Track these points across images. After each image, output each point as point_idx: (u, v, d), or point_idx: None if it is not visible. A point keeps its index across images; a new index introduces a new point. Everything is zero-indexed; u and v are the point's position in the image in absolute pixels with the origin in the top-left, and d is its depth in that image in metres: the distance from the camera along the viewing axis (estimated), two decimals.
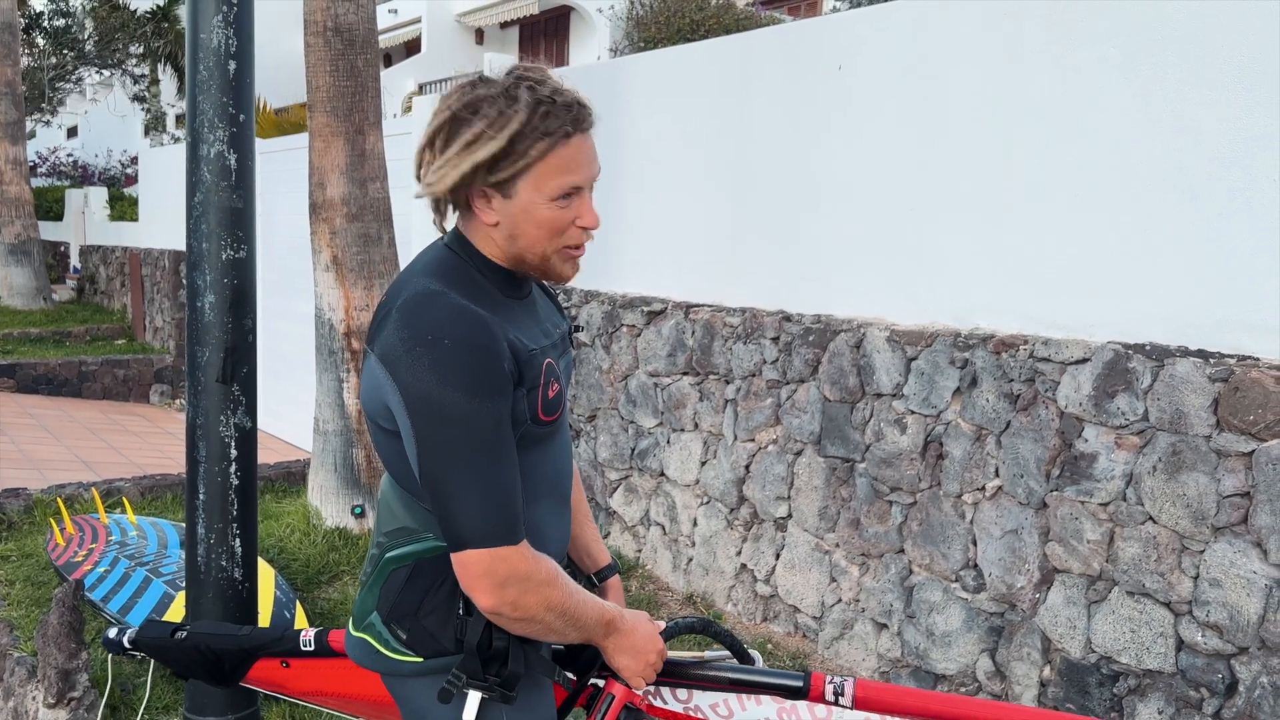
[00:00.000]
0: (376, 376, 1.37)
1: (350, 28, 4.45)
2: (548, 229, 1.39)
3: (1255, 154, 2.77)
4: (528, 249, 1.41)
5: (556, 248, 1.42)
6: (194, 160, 2.41)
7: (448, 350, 1.29)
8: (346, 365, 4.64)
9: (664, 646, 1.53)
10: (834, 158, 3.98)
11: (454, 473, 1.30)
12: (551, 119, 1.34)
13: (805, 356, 3.97)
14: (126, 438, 8.58)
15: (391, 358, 1.32)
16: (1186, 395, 2.81)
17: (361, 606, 1.53)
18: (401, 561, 1.48)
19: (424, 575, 1.46)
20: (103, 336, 12.88)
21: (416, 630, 1.46)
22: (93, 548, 4.21)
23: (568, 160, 1.37)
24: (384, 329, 1.36)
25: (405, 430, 1.33)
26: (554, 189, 1.37)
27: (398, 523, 1.49)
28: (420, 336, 1.30)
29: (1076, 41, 3.19)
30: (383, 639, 1.49)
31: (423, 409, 1.30)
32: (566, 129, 1.35)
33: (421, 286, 1.37)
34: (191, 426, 2.43)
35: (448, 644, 1.45)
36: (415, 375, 1.30)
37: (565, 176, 1.37)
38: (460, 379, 1.29)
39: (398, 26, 20.85)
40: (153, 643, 1.96)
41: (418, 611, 1.46)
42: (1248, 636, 2.69)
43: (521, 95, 1.34)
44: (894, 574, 3.65)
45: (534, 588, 1.34)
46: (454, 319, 1.32)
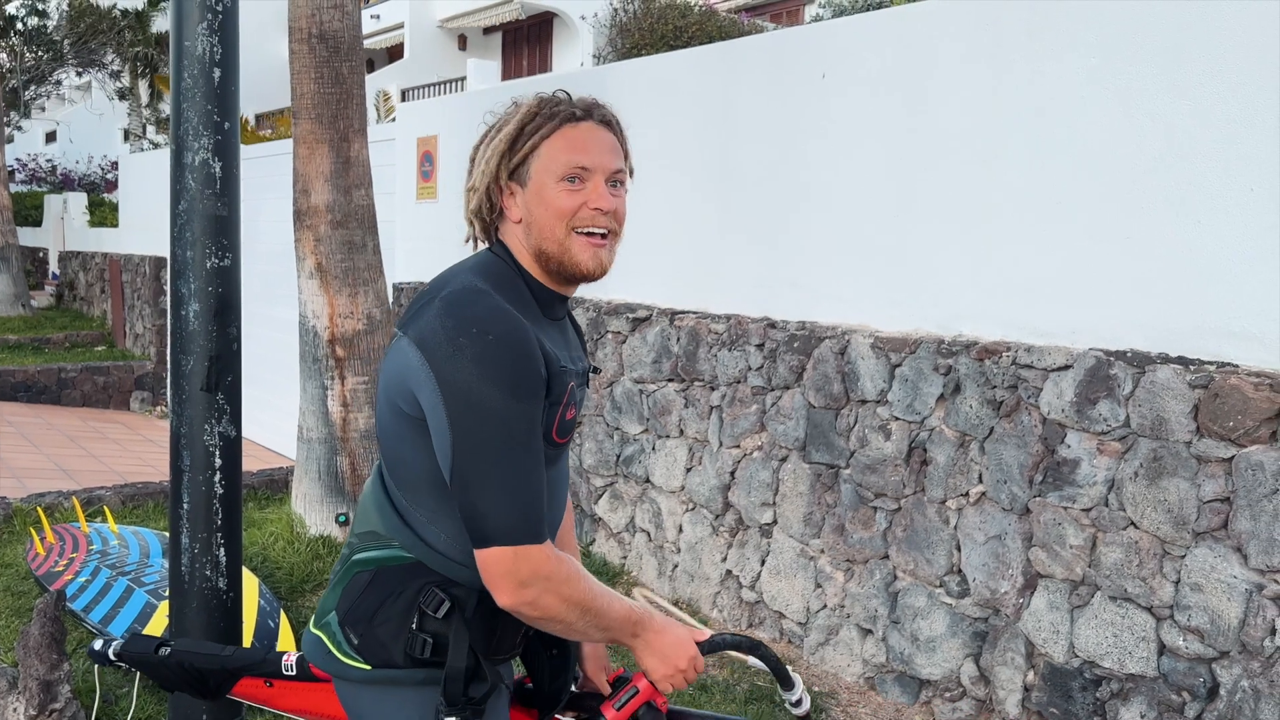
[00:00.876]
0: (408, 359, 1.35)
1: (335, 35, 4.45)
2: (556, 211, 1.41)
3: (1233, 163, 2.81)
4: (543, 236, 1.43)
5: (568, 231, 1.42)
6: (178, 168, 2.40)
7: (491, 345, 1.30)
8: (331, 373, 4.62)
9: (698, 655, 1.50)
10: (818, 165, 4.01)
11: (485, 468, 1.30)
12: (560, 106, 1.43)
13: (790, 363, 3.99)
14: (107, 445, 8.51)
15: (431, 344, 1.32)
16: (1167, 402, 2.84)
17: (323, 604, 1.53)
18: (365, 566, 1.48)
19: (384, 583, 1.45)
20: (82, 343, 12.77)
21: (368, 637, 1.45)
22: (73, 557, 4.17)
23: (574, 140, 1.41)
24: (423, 315, 1.37)
25: (438, 420, 1.32)
26: (561, 166, 1.40)
27: (369, 525, 1.49)
28: (464, 328, 1.31)
29: (1058, 52, 3.22)
30: (335, 640, 1.48)
31: (460, 400, 1.30)
32: (574, 111, 1.42)
33: (468, 282, 1.39)
34: (175, 435, 2.42)
35: (397, 656, 1.44)
36: (456, 366, 1.30)
37: (570, 154, 1.40)
38: (501, 375, 1.29)
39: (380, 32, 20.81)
40: (137, 657, 1.95)
41: (372, 619, 1.45)
42: (1229, 641, 2.72)
43: (534, 96, 1.44)
44: (879, 580, 3.66)
45: (554, 587, 1.34)
46: (498, 316, 1.33)
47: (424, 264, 6.61)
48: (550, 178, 1.41)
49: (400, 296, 6.68)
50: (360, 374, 4.64)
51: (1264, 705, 2.64)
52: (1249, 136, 2.78)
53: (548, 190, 1.41)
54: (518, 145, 1.42)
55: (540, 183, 1.42)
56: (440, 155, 6.45)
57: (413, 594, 1.43)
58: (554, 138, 1.41)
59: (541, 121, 1.41)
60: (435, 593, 1.43)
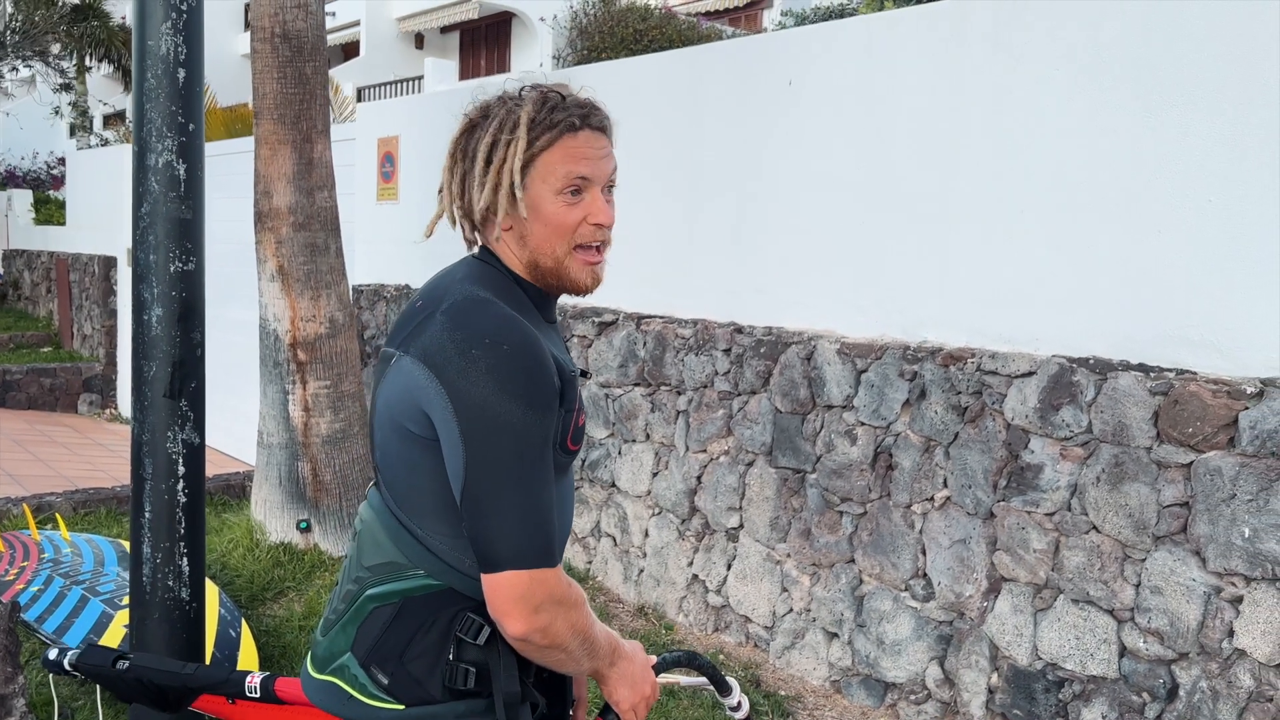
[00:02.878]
0: (415, 379, 1.28)
1: (299, 35, 4.38)
2: (555, 225, 1.35)
3: (1190, 174, 2.87)
4: (538, 250, 1.37)
5: (568, 249, 1.37)
6: (141, 170, 2.34)
7: (506, 356, 1.24)
8: (292, 377, 4.55)
9: (657, 681, 1.47)
10: (784, 172, 4.03)
11: (499, 487, 1.23)
12: (559, 111, 1.34)
13: (757, 368, 4.00)
14: (55, 449, 8.30)
15: (439, 360, 1.26)
16: (1128, 408, 2.90)
17: (330, 647, 1.41)
18: (385, 600, 1.37)
19: (412, 615, 1.36)
20: (28, 344, 12.45)
21: (400, 675, 1.35)
22: (24, 566, 4.06)
23: (574, 151, 1.34)
24: (425, 331, 1.30)
25: (450, 437, 1.26)
26: (560, 179, 1.33)
27: (384, 556, 1.38)
28: (476, 340, 1.25)
29: (1019, 64, 3.27)
30: (358, 683, 1.38)
31: (475, 415, 1.23)
32: (574, 120, 1.34)
33: (469, 292, 1.33)
34: (137, 443, 2.36)
35: (434, 691, 1.35)
36: (469, 379, 1.23)
37: (571, 165, 1.34)
38: (517, 387, 1.23)
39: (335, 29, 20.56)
40: (93, 668, 1.89)
41: (403, 654, 1.35)
42: (1188, 642, 2.78)
43: (527, 94, 1.35)
44: (845, 584, 3.69)
45: (565, 613, 1.28)
46: (510, 326, 1.27)
47: (385, 265, 6.54)
48: (548, 190, 1.34)
49: (360, 299, 6.60)
50: (322, 378, 4.58)
51: (1222, 706, 2.70)
52: (1206, 150, 2.84)
53: (546, 204, 1.34)
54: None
55: (537, 195, 1.34)
56: (401, 156, 6.39)
57: (446, 623, 1.35)
58: (554, 148, 1.33)
59: (540, 131, 1.33)
60: (472, 619, 1.34)
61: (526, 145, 1.32)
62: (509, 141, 1.33)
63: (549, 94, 1.36)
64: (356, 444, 4.70)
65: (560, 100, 1.35)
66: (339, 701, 1.40)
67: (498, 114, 1.36)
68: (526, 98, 1.35)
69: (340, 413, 4.62)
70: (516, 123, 1.33)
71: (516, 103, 1.36)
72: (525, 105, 1.34)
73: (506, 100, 1.37)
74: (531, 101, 1.35)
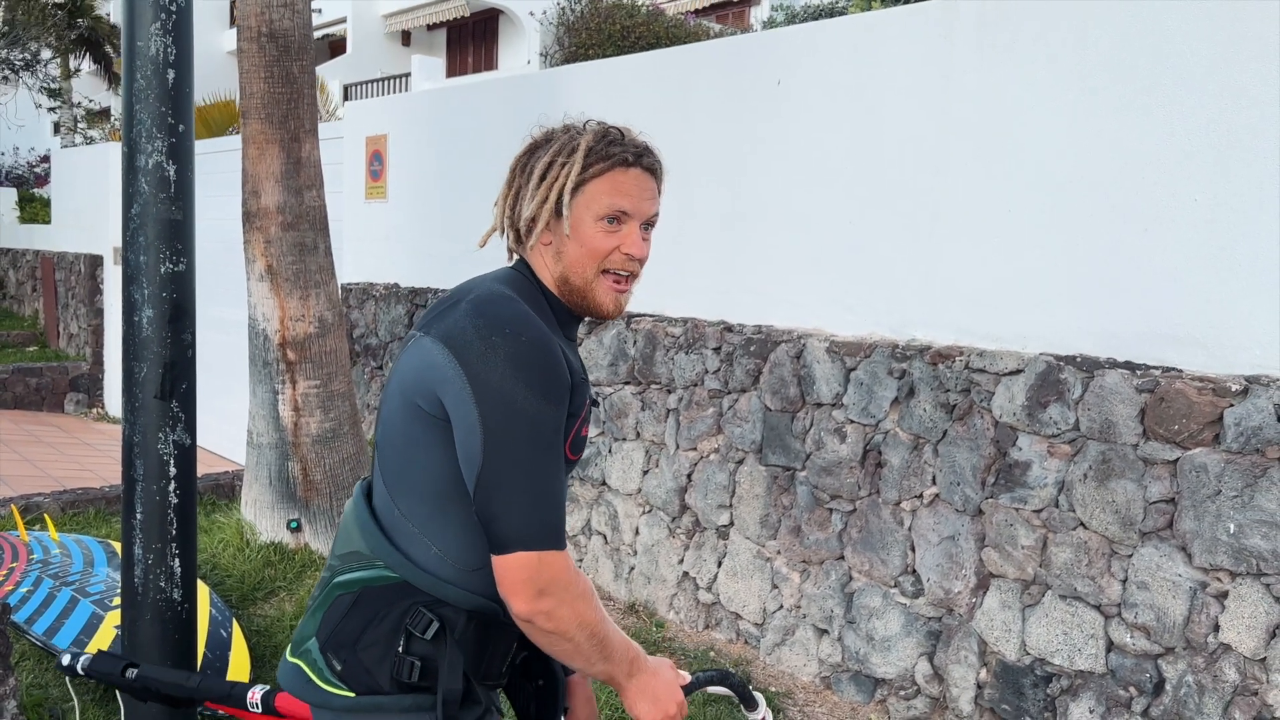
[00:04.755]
0: (433, 358, 1.35)
1: (286, 33, 4.37)
2: (589, 248, 1.43)
3: (1177, 174, 2.90)
4: (571, 268, 1.45)
5: (597, 271, 1.45)
6: (130, 171, 2.34)
7: (524, 346, 1.32)
8: (282, 376, 4.55)
9: (684, 700, 1.47)
10: (773, 170, 4.04)
11: (513, 469, 1.29)
12: (615, 146, 1.44)
13: (746, 366, 4.02)
14: (42, 449, 8.26)
15: (460, 343, 1.33)
16: (1115, 405, 2.92)
17: (301, 631, 1.49)
18: (348, 588, 1.43)
19: (368, 605, 1.42)
20: (13, 344, 12.37)
21: (352, 663, 1.41)
22: (13, 567, 4.04)
23: (620, 184, 1.43)
24: (449, 316, 1.38)
25: (466, 419, 1.31)
26: (602, 208, 1.42)
27: (351, 546, 1.46)
28: (497, 328, 1.32)
29: (1007, 63, 3.29)
30: (316, 667, 1.44)
31: (493, 398, 1.29)
32: (627, 156, 1.43)
33: (495, 289, 1.41)
34: (128, 444, 2.36)
35: (383, 681, 1.40)
36: (488, 364, 1.30)
37: (614, 198, 1.42)
38: (532, 376, 1.30)
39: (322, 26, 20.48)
40: (104, 675, 1.92)
41: (356, 643, 1.41)
42: (1174, 637, 2.81)
43: (590, 126, 1.47)
44: (834, 580, 3.71)
45: (570, 600, 1.32)
46: (528, 320, 1.36)
47: (374, 264, 6.53)
48: (590, 215, 1.43)
49: (349, 298, 6.59)
50: (312, 378, 4.57)
51: (1207, 700, 2.73)
52: (1193, 149, 2.87)
53: (585, 227, 1.43)
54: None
55: (579, 218, 1.43)
56: (390, 154, 6.38)
57: (399, 615, 1.40)
58: (603, 178, 1.43)
59: (595, 160, 1.43)
60: (423, 613, 1.39)
61: (580, 170, 1.42)
62: (564, 164, 1.43)
63: (610, 130, 1.46)
64: (347, 443, 4.69)
65: (619, 137, 1.46)
66: (301, 683, 1.46)
67: (559, 139, 1.46)
68: (589, 129, 1.46)
69: (330, 412, 4.61)
70: (575, 149, 1.43)
71: (578, 132, 1.47)
72: (586, 135, 1.45)
73: (570, 129, 1.48)
74: (592, 133, 1.45)
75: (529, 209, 1.45)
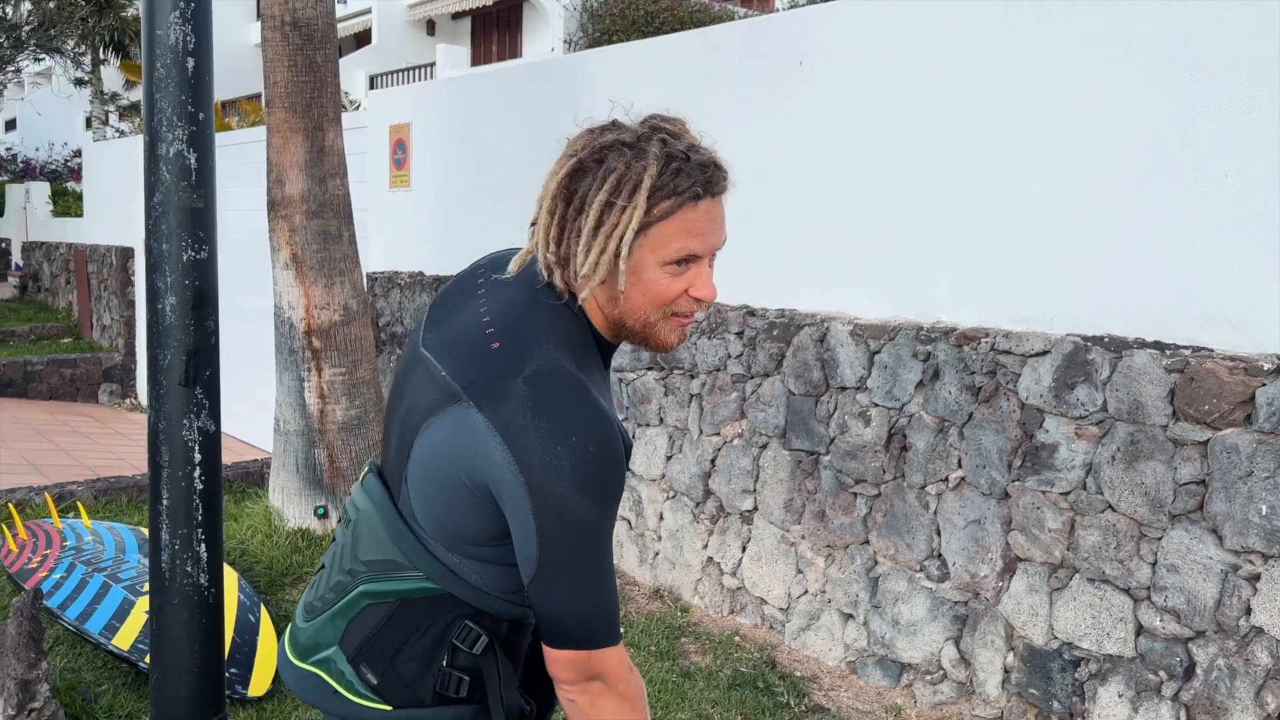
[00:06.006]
0: (485, 443, 1.22)
1: (309, 22, 4.39)
2: (654, 295, 1.26)
3: (1207, 150, 2.84)
4: (629, 313, 1.29)
5: (662, 316, 1.29)
6: (152, 160, 2.35)
7: (589, 459, 1.20)
8: (307, 364, 4.58)
9: None
10: (796, 152, 4.01)
11: (570, 577, 1.23)
12: (682, 177, 1.22)
13: (770, 351, 4.00)
14: (76, 439, 8.39)
15: (522, 446, 1.20)
16: (1144, 386, 2.88)
17: (315, 637, 1.39)
18: (381, 598, 1.35)
19: (408, 617, 1.34)
20: (48, 335, 12.57)
21: (390, 676, 1.34)
22: (47, 554, 4.11)
23: (691, 223, 1.23)
24: (504, 397, 1.22)
25: (522, 524, 1.23)
26: (671, 252, 1.24)
27: (382, 553, 1.35)
28: (562, 436, 1.20)
29: (1033, 39, 3.24)
30: (344, 679, 1.36)
31: (553, 514, 1.21)
32: (697, 190, 1.23)
33: (553, 359, 1.24)
34: (154, 431, 2.38)
35: (424, 695, 1.34)
36: (551, 477, 1.19)
37: (685, 241, 1.24)
38: (595, 488, 1.21)
39: (347, 17, 20.58)
40: None
41: (395, 656, 1.34)
42: (1205, 620, 2.77)
43: (651, 149, 1.22)
44: (859, 565, 3.69)
45: (617, 696, 1.28)
46: (593, 420, 1.22)
47: (398, 253, 6.56)
48: (655, 259, 1.24)
49: (374, 286, 6.62)
50: (337, 365, 4.60)
51: (1239, 683, 2.69)
52: (1223, 124, 2.81)
53: (648, 272, 1.25)
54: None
55: (641, 261, 1.24)
56: (413, 143, 6.39)
57: (442, 628, 1.34)
58: (672, 219, 1.22)
59: (661, 198, 1.22)
60: (469, 626, 1.34)
61: (644, 214, 1.21)
62: (625, 208, 1.22)
63: (673, 151, 1.23)
64: (372, 430, 4.72)
65: (685, 160, 1.23)
66: (323, 695, 1.38)
67: (616, 168, 1.22)
68: (650, 155, 1.22)
69: (356, 399, 4.64)
70: (637, 187, 1.21)
71: (638, 157, 1.22)
72: (649, 165, 1.21)
73: (625, 150, 1.23)
74: (655, 161, 1.21)
75: (585, 263, 1.24)
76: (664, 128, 1.26)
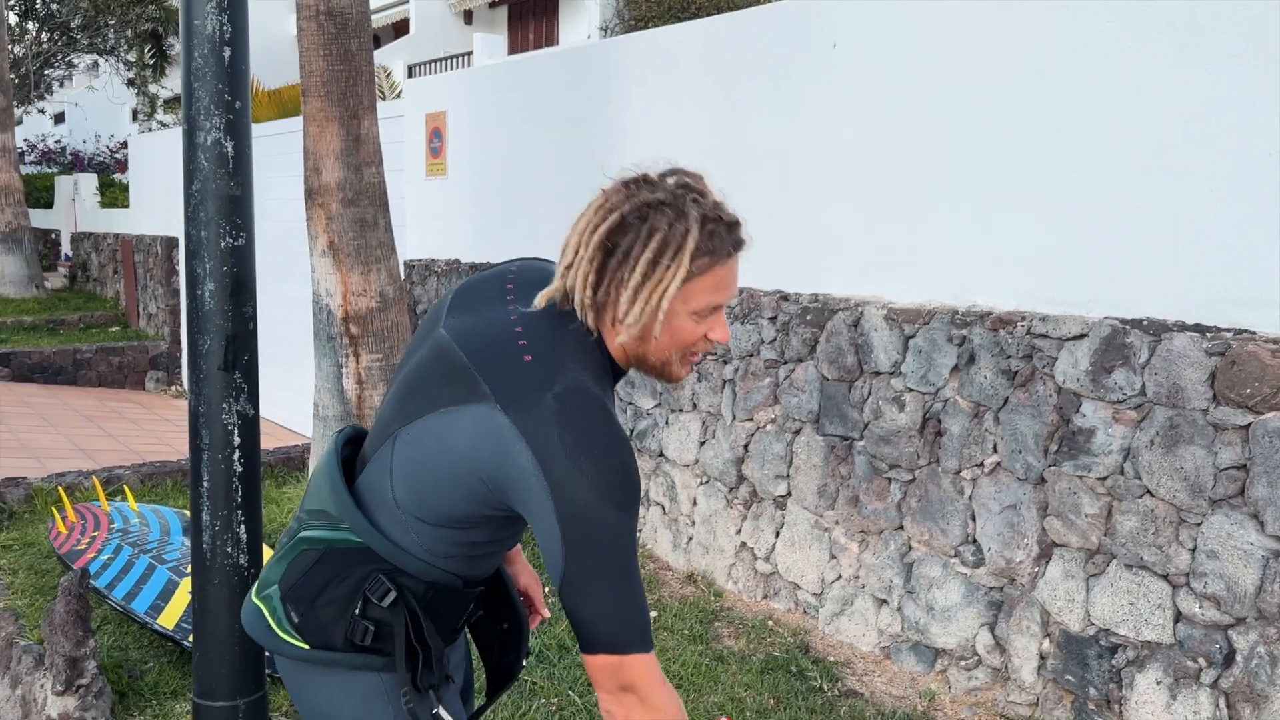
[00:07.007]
0: (512, 447, 1.31)
1: (343, 11, 4.43)
2: (679, 339, 1.39)
3: (1250, 129, 2.78)
4: (653, 353, 1.41)
5: (681, 356, 1.43)
6: (190, 148, 2.40)
7: (609, 470, 1.30)
8: (345, 350, 4.64)
9: None
10: (828, 136, 3.98)
11: (597, 581, 1.31)
12: (716, 239, 1.35)
13: (803, 336, 3.98)
14: (124, 425, 8.58)
15: (548, 455, 1.29)
16: (1184, 369, 2.83)
17: (267, 575, 1.52)
18: (313, 544, 1.47)
19: (330, 565, 1.45)
20: (96, 324, 12.84)
21: (309, 617, 1.45)
22: (95, 535, 4.22)
23: (721, 279, 1.37)
24: (532, 406, 1.31)
25: (547, 529, 1.31)
26: (700, 304, 1.37)
27: (320, 504, 1.49)
28: (585, 448, 1.29)
29: (1067, 19, 3.18)
30: (276, 615, 1.48)
31: (577, 519, 1.29)
32: (728, 249, 1.37)
33: (580, 381, 1.34)
34: (194, 414, 2.43)
35: (336, 640, 1.45)
36: (575, 484, 1.28)
37: (715, 295, 1.37)
38: (616, 497, 1.30)
39: (386, 7, 20.70)
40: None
41: (315, 599, 1.45)
42: (1245, 607, 2.72)
43: (690, 211, 1.34)
44: (893, 550, 3.67)
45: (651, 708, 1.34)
46: (614, 440, 1.32)
47: (435, 241, 6.61)
48: (684, 309, 1.37)
49: (412, 274, 6.69)
50: (374, 351, 4.66)
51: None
52: (1265, 101, 2.75)
53: (677, 319, 1.37)
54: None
55: (673, 310, 1.36)
56: (449, 131, 6.43)
57: (358, 579, 1.44)
58: (706, 276, 1.35)
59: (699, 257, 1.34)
60: (382, 580, 1.43)
61: (685, 275, 1.34)
62: (669, 266, 1.33)
63: (708, 213, 1.35)
64: None
65: (718, 221, 1.36)
66: (260, 629, 1.50)
67: (660, 229, 1.34)
68: (691, 217, 1.34)
69: None
70: (680, 248, 1.33)
71: (679, 218, 1.34)
72: (691, 229, 1.33)
73: (666, 210, 1.34)
74: (696, 223, 1.34)
75: (629, 314, 1.35)
76: (692, 185, 1.38)
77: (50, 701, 2.95)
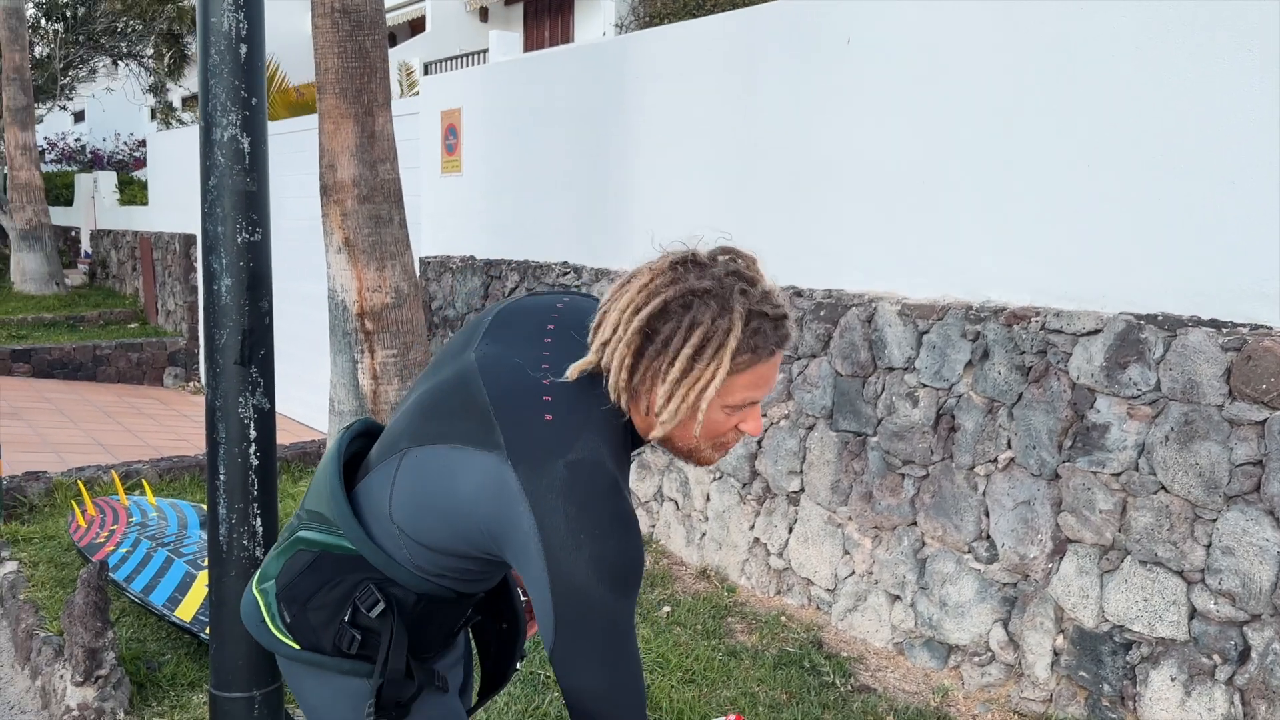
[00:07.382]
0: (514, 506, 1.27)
1: (358, 8, 4.45)
2: (711, 431, 1.34)
3: (1265, 121, 2.76)
4: (681, 439, 1.36)
5: (712, 445, 1.37)
6: (207, 144, 2.42)
7: (609, 551, 1.25)
8: (360, 346, 4.67)
9: None
10: (842, 131, 3.98)
11: (586, 656, 1.29)
12: (760, 336, 1.28)
13: (816, 331, 3.98)
14: (142, 420, 8.66)
15: (549, 523, 1.25)
16: (1199, 365, 2.82)
17: (266, 567, 1.51)
18: (309, 545, 1.46)
19: (324, 569, 1.44)
20: (116, 321, 12.95)
21: (300, 618, 1.45)
22: (114, 529, 4.27)
23: (761, 376, 1.30)
24: (544, 472, 1.26)
25: (540, 594, 1.28)
26: (737, 400, 1.31)
27: (318, 506, 1.48)
28: (588, 525, 1.25)
29: (1081, 13, 3.17)
30: (270, 611, 1.47)
31: (569, 590, 1.26)
32: (772, 347, 1.29)
33: (596, 453, 1.28)
34: (211, 408, 2.46)
35: (324, 643, 1.44)
36: (571, 559, 1.24)
37: (753, 391, 1.31)
38: (611, 578, 1.26)
39: (402, 5, 20.77)
40: None
41: (308, 601, 1.44)
42: (1260, 604, 2.71)
43: (736, 305, 1.27)
44: (907, 546, 3.67)
45: None
46: (619, 520, 1.27)
47: (450, 238, 6.64)
48: (720, 403, 1.31)
49: (427, 270, 6.71)
50: (389, 347, 4.68)
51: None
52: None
53: (712, 413, 1.31)
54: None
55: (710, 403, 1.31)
56: (465, 128, 6.46)
57: (349, 586, 1.42)
58: (746, 373, 1.28)
59: (740, 353, 1.27)
60: (372, 590, 1.42)
61: (727, 372, 1.27)
62: (709, 364, 1.27)
63: (754, 308, 1.27)
64: None
65: (764, 317, 1.28)
66: (255, 621, 1.49)
67: (702, 321, 1.26)
68: (736, 312, 1.26)
69: (408, 380, 4.72)
70: (722, 346, 1.26)
71: (723, 312, 1.26)
72: (734, 326, 1.26)
73: (711, 302, 1.27)
74: (741, 319, 1.26)
75: (665, 410, 1.29)
76: (742, 272, 1.30)
77: (69, 692, 2.99)
